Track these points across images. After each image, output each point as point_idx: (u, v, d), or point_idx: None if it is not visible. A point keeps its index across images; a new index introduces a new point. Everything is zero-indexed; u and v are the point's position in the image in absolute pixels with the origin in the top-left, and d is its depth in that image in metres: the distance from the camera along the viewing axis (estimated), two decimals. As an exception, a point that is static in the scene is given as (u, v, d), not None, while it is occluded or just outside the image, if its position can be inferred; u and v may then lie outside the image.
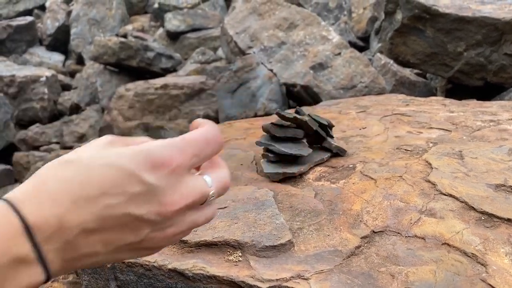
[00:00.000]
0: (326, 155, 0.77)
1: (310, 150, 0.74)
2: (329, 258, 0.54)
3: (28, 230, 0.27)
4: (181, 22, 4.08)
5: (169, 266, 0.56)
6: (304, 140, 0.78)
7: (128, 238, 0.29)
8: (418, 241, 0.55)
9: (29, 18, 4.77)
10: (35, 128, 3.03)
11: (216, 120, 1.97)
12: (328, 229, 0.59)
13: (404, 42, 1.68)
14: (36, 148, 2.92)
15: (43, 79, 3.29)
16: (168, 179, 0.30)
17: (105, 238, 0.29)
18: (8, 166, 2.66)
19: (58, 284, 0.80)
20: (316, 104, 1.38)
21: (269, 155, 0.74)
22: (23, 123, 3.28)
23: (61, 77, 3.83)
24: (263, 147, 0.75)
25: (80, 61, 4.45)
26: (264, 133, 0.76)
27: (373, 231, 0.58)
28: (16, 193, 0.28)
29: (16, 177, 2.63)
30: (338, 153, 0.78)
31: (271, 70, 1.78)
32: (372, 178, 0.69)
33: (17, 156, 2.66)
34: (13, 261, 0.26)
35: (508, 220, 0.56)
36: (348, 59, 1.67)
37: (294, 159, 0.74)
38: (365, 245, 0.56)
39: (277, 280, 0.51)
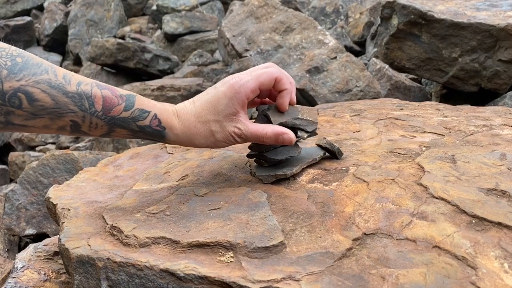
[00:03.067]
0: (318, 155, 0.77)
1: (300, 149, 0.75)
2: (321, 259, 0.54)
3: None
4: (179, 25, 4.09)
5: (161, 266, 0.56)
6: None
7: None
8: (409, 243, 0.55)
9: (27, 18, 4.77)
10: (30, 128, 3.01)
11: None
12: (320, 231, 0.60)
13: (400, 47, 1.69)
14: (32, 148, 2.91)
15: (40, 79, 3.28)
16: None
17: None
18: (4, 166, 2.65)
19: (51, 283, 0.80)
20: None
21: (261, 160, 0.75)
22: (18, 123, 3.26)
23: (57, 77, 3.81)
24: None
25: (78, 62, 4.44)
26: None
27: (365, 234, 0.58)
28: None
29: (11, 177, 2.61)
30: (335, 153, 0.78)
31: (268, 73, 1.78)
32: (364, 181, 0.69)
33: (13, 155, 2.64)
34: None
35: (499, 223, 0.56)
36: (344, 63, 1.68)
37: (286, 161, 0.75)
38: (357, 247, 0.56)
39: (268, 281, 0.51)
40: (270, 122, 0.73)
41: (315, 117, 0.75)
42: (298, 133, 0.73)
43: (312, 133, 0.75)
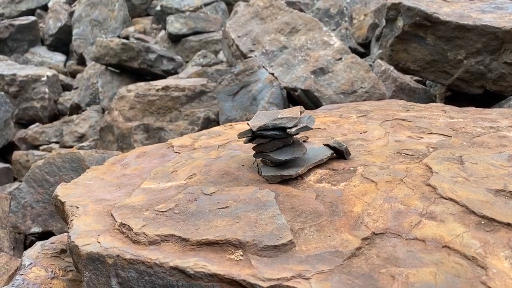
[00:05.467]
0: (325, 155, 0.78)
1: (305, 149, 0.76)
2: (330, 258, 0.55)
3: None
4: (183, 25, 4.09)
5: (171, 264, 0.56)
6: (301, 141, 0.79)
7: None
8: (419, 243, 0.55)
9: (31, 18, 4.78)
10: (35, 127, 3.03)
11: (217, 122, 1.98)
12: (329, 230, 0.60)
13: (405, 49, 1.69)
14: (36, 147, 2.92)
15: (44, 78, 3.30)
16: None
17: None
18: (7, 165, 2.65)
19: (58, 281, 0.80)
20: (316, 108, 1.39)
21: (267, 160, 0.76)
22: (23, 122, 3.28)
23: (62, 77, 3.84)
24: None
25: (82, 61, 4.45)
26: None
27: (374, 233, 0.58)
28: None
29: (15, 176, 2.62)
30: (343, 153, 0.78)
31: (272, 74, 1.79)
32: (373, 181, 0.70)
33: (17, 154, 2.65)
34: None
35: (508, 224, 0.56)
36: (349, 65, 1.68)
37: (291, 161, 0.75)
38: (366, 246, 0.56)
39: (278, 279, 0.51)
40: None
41: (296, 113, 0.76)
42: (287, 130, 0.73)
43: (304, 128, 0.74)
